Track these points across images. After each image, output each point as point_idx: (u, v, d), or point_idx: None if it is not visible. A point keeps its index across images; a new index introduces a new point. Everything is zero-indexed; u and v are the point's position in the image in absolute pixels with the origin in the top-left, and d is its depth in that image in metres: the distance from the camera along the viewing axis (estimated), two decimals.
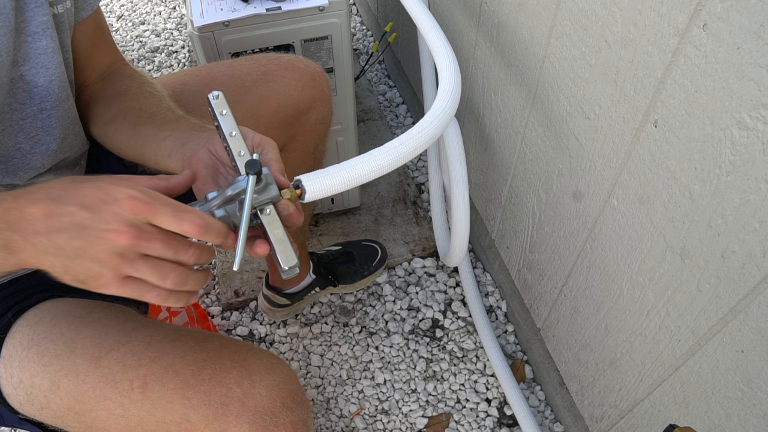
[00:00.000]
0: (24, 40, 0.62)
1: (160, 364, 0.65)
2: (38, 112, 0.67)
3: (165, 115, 0.70)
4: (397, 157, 0.58)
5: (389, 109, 1.82)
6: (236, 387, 0.65)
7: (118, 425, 0.65)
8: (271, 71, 0.91)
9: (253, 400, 0.65)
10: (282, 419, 0.66)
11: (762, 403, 0.62)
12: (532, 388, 1.25)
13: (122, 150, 0.71)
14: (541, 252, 1.07)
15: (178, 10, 2.22)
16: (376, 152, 0.57)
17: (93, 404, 0.65)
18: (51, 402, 0.66)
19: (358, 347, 1.32)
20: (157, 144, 0.64)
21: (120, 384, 0.65)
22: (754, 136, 0.54)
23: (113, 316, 0.71)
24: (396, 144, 0.59)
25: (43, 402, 0.66)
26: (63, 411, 0.66)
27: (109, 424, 0.65)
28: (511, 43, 0.96)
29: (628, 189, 0.75)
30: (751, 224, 0.57)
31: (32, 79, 0.64)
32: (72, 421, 0.67)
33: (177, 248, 0.47)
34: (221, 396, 0.65)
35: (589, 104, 0.78)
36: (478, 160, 1.27)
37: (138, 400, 0.64)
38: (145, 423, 0.65)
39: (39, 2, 0.62)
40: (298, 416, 0.68)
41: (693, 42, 0.58)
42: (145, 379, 0.65)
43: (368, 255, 1.38)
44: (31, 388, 0.65)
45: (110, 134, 0.72)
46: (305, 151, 1.01)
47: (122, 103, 0.73)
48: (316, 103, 0.95)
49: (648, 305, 0.78)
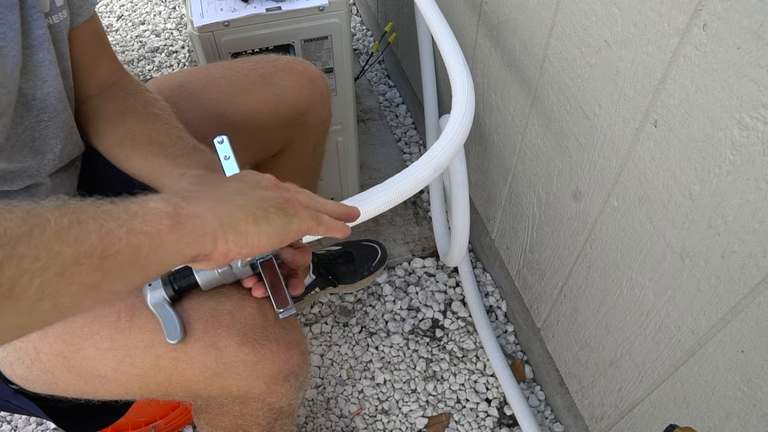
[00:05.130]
0: (23, 53, 0.62)
1: None
2: (36, 124, 0.66)
3: (176, 146, 0.71)
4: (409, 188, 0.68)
5: (389, 109, 1.82)
6: (226, 300, 0.66)
7: (107, 359, 0.65)
8: (268, 74, 0.91)
9: (243, 311, 0.66)
10: (273, 335, 0.67)
11: (762, 403, 0.62)
12: (532, 388, 1.25)
13: (135, 175, 0.71)
14: (541, 252, 1.07)
15: (178, 10, 2.22)
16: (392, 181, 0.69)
17: (81, 343, 0.65)
18: (40, 352, 0.66)
19: (358, 347, 1.32)
20: (173, 181, 0.65)
21: (107, 317, 0.65)
22: (754, 136, 0.54)
23: None
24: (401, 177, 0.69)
25: (33, 355, 0.66)
26: (52, 359, 0.66)
27: (98, 361, 0.65)
28: (511, 43, 0.96)
29: (628, 189, 0.75)
30: (751, 224, 0.57)
31: (29, 92, 0.64)
32: (61, 368, 0.66)
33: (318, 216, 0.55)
34: (210, 309, 0.65)
35: (589, 104, 0.78)
36: (478, 160, 1.27)
37: (126, 329, 0.65)
38: (133, 351, 0.65)
39: (36, 15, 0.61)
40: (290, 336, 0.68)
41: (693, 42, 0.58)
42: (133, 307, 0.65)
43: (368, 255, 1.38)
44: (20, 342, 0.65)
45: (121, 159, 0.72)
46: (304, 153, 1.01)
47: (129, 125, 0.72)
48: (315, 105, 0.95)
49: (648, 305, 0.78)
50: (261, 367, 0.66)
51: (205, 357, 0.64)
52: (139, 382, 0.67)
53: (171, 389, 0.68)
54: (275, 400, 0.70)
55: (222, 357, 0.64)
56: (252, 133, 0.90)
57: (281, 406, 0.73)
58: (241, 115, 0.88)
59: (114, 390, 0.69)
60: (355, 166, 1.43)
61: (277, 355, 0.66)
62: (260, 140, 0.93)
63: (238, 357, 0.64)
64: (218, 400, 0.71)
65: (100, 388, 0.68)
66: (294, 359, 0.68)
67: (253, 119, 0.89)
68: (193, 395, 0.71)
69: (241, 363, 0.65)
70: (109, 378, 0.67)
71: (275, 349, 0.66)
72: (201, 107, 0.87)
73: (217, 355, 0.64)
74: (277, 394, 0.69)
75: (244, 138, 0.87)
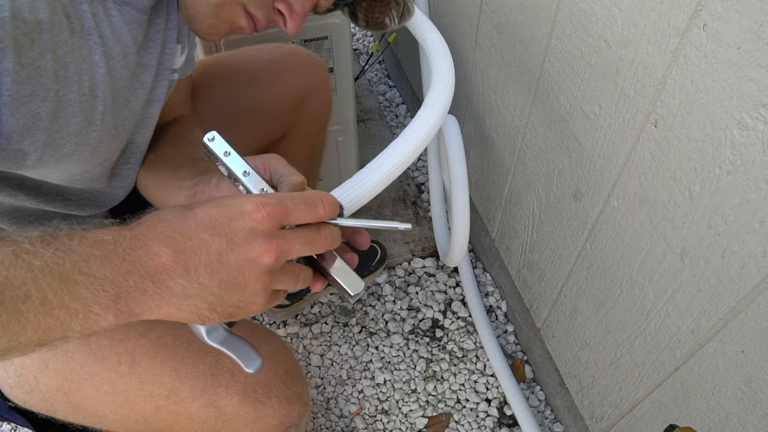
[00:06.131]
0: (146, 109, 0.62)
1: (148, 338, 0.65)
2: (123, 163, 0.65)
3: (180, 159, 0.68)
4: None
5: (389, 109, 1.82)
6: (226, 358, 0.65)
7: (106, 402, 0.65)
8: (275, 59, 0.92)
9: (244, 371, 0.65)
10: (275, 391, 0.65)
11: (762, 403, 0.62)
12: (532, 388, 1.25)
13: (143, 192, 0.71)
14: (541, 252, 1.07)
15: None
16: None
17: (81, 381, 0.64)
18: (40, 383, 0.65)
19: (358, 347, 1.32)
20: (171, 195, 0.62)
21: (108, 359, 0.64)
22: (754, 136, 0.54)
23: None
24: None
25: (32, 384, 0.65)
26: (51, 392, 0.65)
27: (97, 401, 0.65)
28: (511, 43, 0.96)
29: (628, 189, 0.75)
30: (751, 224, 0.57)
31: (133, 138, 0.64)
32: (60, 402, 0.66)
33: (313, 239, 0.44)
34: (211, 366, 0.64)
35: (589, 104, 0.78)
36: (478, 160, 1.27)
37: (126, 375, 0.64)
38: (132, 398, 0.64)
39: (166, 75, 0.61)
40: (293, 390, 0.67)
41: (693, 42, 0.58)
42: (133, 353, 0.64)
43: (368, 255, 1.38)
44: (21, 369, 0.65)
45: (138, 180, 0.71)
46: (305, 139, 1.01)
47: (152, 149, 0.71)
48: (318, 89, 0.96)
49: (648, 305, 0.78)
50: (261, 423, 0.65)
51: (205, 414, 0.64)
52: (138, 426, 0.67)
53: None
54: None
55: (221, 415, 0.64)
56: (260, 121, 0.90)
57: None
58: (249, 103, 0.89)
59: (113, 427, 0.69)
60: (355, 166, 1.43)
61: (278, 411, 0.65)
62: (267, 126, 0.93)
63: (239, 415, 0.64)
64: None
65: (99, 423, 0.68)
66: (295, 412, 0.67)
67: (261, 107, 0.90)
68: None
69: (241, 420, 0.64)
70: (108, 418, 0.66)
71: (276, 405, 0.65)
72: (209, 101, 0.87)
73: (216, 413, 0.64)
74: None
75: (253, 126, 0.88)
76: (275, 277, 0.42)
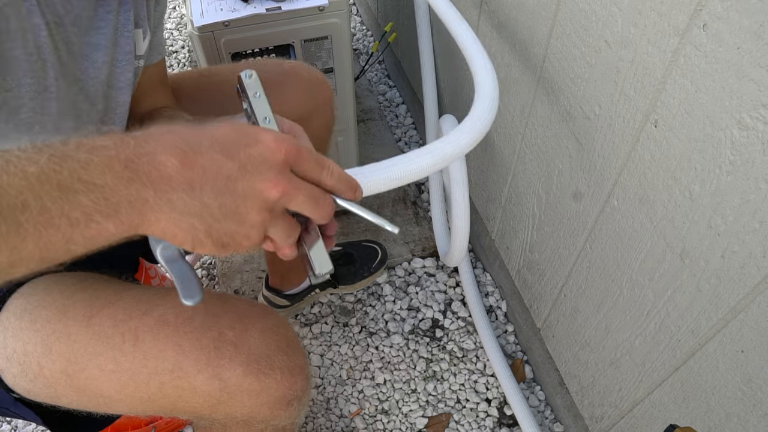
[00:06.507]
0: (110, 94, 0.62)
1: (151, 316, 0.65)
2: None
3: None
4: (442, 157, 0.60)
5: (389, 109, 1.82)
6: (229, 331, 0.65)
7: (110, 381, 0.65)
8: (273, 80, 0.91)
9: (246, 342, 0.65)
10: (277, 363, 0.65)
11: (762, 403, 0.62)
12: (532, 388, 1.25)
13: None
14: (541, 252, 1.07)
15: (178, 10, 2.22)
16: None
17: (85, 362, 0.64)
18: (44, 368, 0.65)
19: (358, 347, 1.32)
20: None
21: (111, 339, 0.64)
22: (754, 136, 0.54)
23: (105, 282, 0.70)
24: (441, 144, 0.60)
25: (36, 370, 0.65)
26: (56, 376, 0.65)
27: (101, 381, 0.65)
28: (512, 43, 0.96)
29: (628, 189, 0.75)
30: (751, 224, 0.57)
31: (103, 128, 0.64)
32: (65, 386, 0.66)
33: (318, 199, 0.42)
34: (213, 340, 0.64)
35: (589, 104, 0.78)
36: (478, 160, 1.27)
37: (130, 353, 0.64)
38: (137, 375, 0.64)
39: (128, 59, 0.61)
40: (294, 361, 0.67)
41: (693, 42, 0.58)
42: (137, 331, 0.64)
43: (368, 256, 1.38)
44: (24, 357, 0.65)
45: None
46: None
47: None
48: (319, 110, 0.95)
49: (648, 305, 0.78)
50: (265, 394, 0.65)
51: (209, 387, 0.64)
52: (143, 405, 0.67)
53: (175, 412, 0.68)
54: (279, 422, 0.70)
55: (226, 387, 0.64)
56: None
57: (284, 425, 0.73)
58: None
59: (118, 408, 0.69)
60: (355, 165, 1.43)
61: (281, 383, 0.66)
62: None
63: (242, 387, 0.64)
64: (222, 422, 0.71)
65: (104, 406, 0.68)
66: (298, 384, 0.67)
67: None
68: (198, 418, 0.71)
69: (245, 392, 0.64)
70: (113, 398, 0.66)
71: (279, 377, 0.65)
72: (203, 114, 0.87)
73: (220, 385, 0.64)
74: (280, 416, 0.68)
75: None
76: (274, 218, 0.41)
